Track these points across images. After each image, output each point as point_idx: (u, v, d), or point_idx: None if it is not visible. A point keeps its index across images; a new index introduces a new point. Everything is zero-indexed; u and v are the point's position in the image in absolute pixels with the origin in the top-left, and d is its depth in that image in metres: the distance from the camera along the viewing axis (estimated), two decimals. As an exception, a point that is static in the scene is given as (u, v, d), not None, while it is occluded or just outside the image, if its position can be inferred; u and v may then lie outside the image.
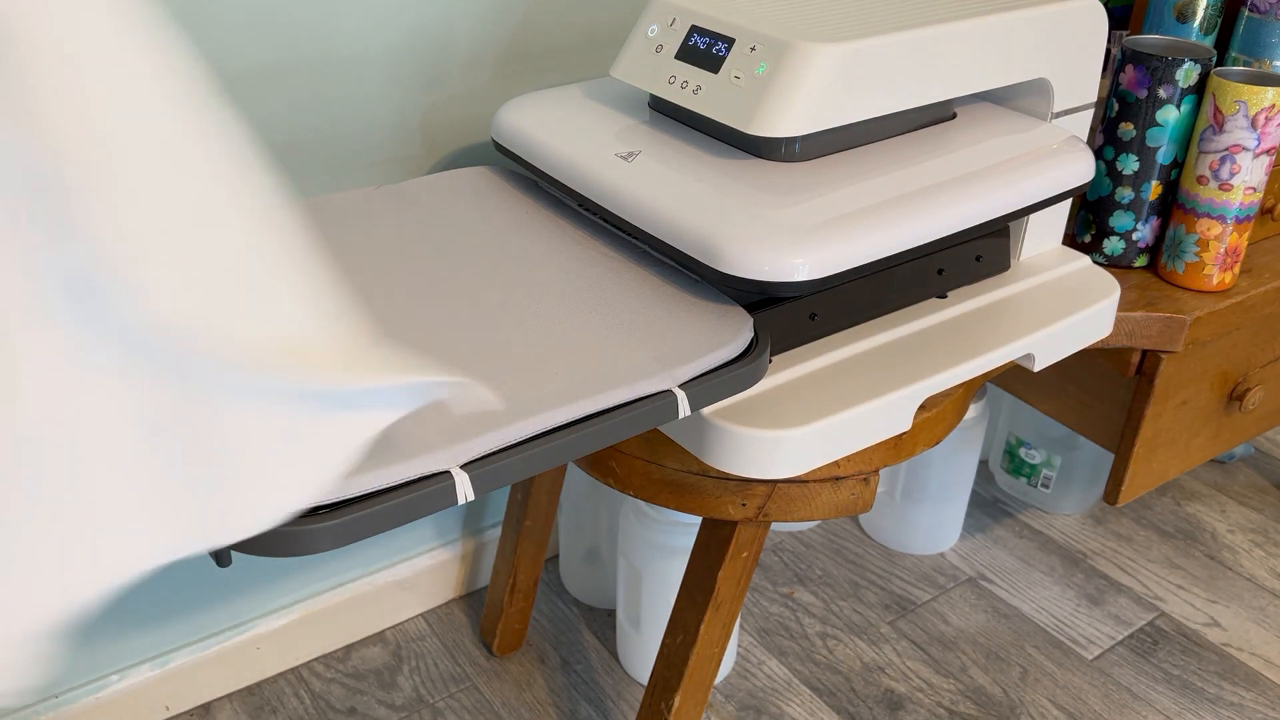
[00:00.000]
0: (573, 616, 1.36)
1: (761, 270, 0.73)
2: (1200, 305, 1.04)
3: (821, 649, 1.33)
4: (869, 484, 0.85)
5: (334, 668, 1.27)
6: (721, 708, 1.24)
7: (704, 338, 0.73)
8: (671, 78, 0.85)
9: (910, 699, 1.26)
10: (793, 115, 0.78)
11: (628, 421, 0.68)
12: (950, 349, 0.86)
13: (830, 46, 0.78)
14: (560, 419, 0.65)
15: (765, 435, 0.75)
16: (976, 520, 1.54)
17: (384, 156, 1.06)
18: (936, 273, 0.91)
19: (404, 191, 0.92)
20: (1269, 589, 1.44)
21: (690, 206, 0.78)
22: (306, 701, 1.22)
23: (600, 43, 1.14)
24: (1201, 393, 1.13)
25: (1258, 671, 1.32)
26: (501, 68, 1.09)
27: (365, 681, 1.25)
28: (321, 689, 1.24)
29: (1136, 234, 1.07)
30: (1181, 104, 1.02)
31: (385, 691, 1.24)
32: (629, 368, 0.69)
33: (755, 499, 0.83)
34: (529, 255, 0.83)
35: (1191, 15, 1.09)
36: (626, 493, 0.86)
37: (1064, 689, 1.28)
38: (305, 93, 0.99)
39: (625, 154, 0.85)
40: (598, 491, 1.29)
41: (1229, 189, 1.02)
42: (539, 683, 1.27)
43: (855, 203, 0.79)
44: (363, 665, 1.27)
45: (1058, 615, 1.39)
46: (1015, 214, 0.86)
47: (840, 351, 0.84)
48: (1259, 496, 1.61)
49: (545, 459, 0.64)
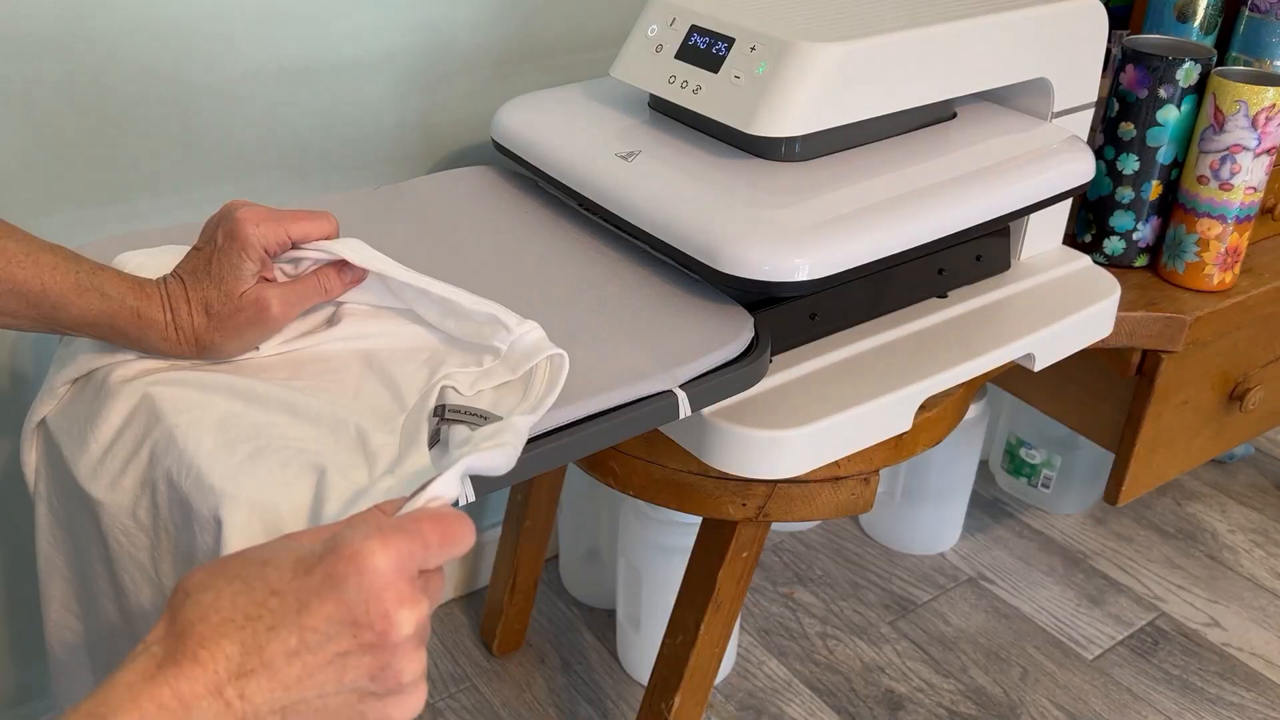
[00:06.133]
0: (573, 616, 1.36)
1: (762, 270, 0.73)
2: (1200, 305, 1.04)
3: (821, 649, 1.33)
4: (869, 484, 0.85)
5: (334, 668, 1.27)
6: (721, 708, 1.24)
7: (704, 338, 0.73)
8: (671, 77, 0.85)
9: (910, 699, 1.26)
10: (793, 115, 0.78)
11: (628, 422, 0.67)
12: (950, 349, 0.86)
13: (830, 46, 0.77)
14: (560, 419, 0.65)
15: (765, 435, 0.75)
16: (977, 520, 1.54)
17: (384, 156, 1.06)
18: (937, 272, 0.90)
19: (404, 191, 0.92)
20: (1269, 589, 1.44)
21: (690, 206, 0.78)
22: (306, 701, 1.22)
23: (600, 43, 1.14)
24: (1202, 393, 1.13)
25: (1258, 671, 1.32)
26: (501, 68, 1.09)
27: (365, 681, 1.25)
28: (321, 689, 1.24)
29: (1137, 234, 1.07)
30: (1182, 104, 1.02)
31: (385, 691, 1.24)
32: (629, 368, 0.69)
33: (755, 499, 0.83)
34: (529, 255, 0.83)
35: (1192, 15, 1.09)
36: (626, 493, 0.86)
37: (1064, 689, 1.28)
38: (306, 93, 0.99)
39: (625, 154, 0.85)
40: (598, 491, 1.29)
41: (1229, 189, 1.02)
42: (539, 683, 1.26)
43: (855, 203, 0.79)
44: (363, 665, 1.27)
45: (1058, 615, 1.39)
46: (1015, 214, 0.86)
47: (840, 351, 0.84)
48: (1259, 496, 1.61)
49: (545, 459, 0.64)
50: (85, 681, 0.76)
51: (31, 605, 1.07)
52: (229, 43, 0.94)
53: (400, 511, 0.50)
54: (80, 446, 0.66)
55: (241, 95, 0.96)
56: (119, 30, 0.89)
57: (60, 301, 0.63)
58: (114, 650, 0.70)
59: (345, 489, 0.58)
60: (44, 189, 0.91)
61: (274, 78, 0.97)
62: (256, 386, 0.66)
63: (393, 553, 0.45)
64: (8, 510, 1.03)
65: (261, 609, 0.44)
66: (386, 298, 0.72)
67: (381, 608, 0.45)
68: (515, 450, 0.59)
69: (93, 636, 0.73)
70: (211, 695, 0.43)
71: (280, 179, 1.01)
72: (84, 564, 0.70)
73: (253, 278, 0.66)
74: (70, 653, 0.75)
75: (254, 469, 0.60)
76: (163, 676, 0.43)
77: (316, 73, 0.99)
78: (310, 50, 0.98)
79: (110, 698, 0.42)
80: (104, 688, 0.43)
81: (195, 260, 0.67)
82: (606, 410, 0.67)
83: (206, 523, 0.58)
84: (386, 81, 1.03)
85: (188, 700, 0.42)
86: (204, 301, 0.65)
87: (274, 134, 0.99)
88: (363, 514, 0.51)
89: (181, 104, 0.94)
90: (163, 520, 0.62)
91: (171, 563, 0.63)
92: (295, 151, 1.01)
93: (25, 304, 0.63)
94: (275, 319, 0.67)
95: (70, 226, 0.93)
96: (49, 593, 0.74)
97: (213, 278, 0.65)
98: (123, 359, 0.68)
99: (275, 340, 0.70)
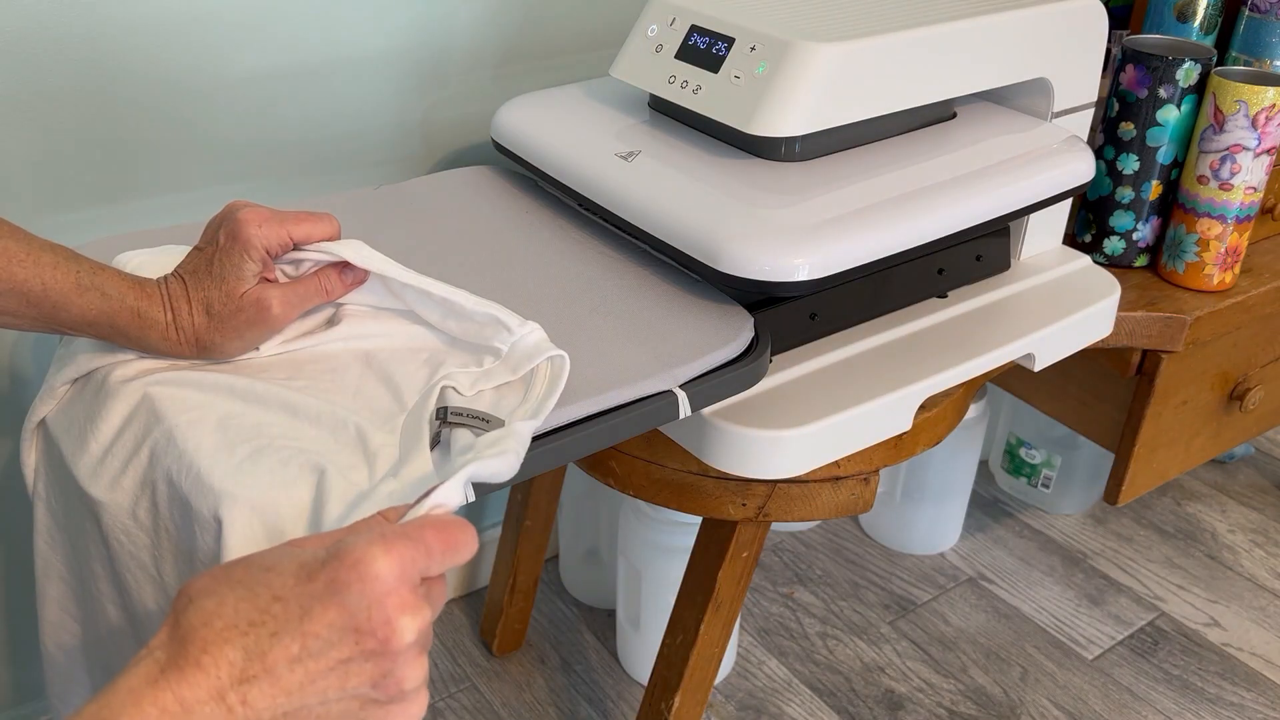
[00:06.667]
0: (573, 616, 1.36)
1: (761, 270, 0.73)
2: (1200, 305, 1.04)
3: (821, 649, 1.33)
4: (869, 484, 0.85)
5: (334, 668, 1.27)
6: (721, 708, 1.24)
7: (704, 338, 0.73)
8: (671, 77, 0.85)
9: (910, 699, 1.26)
10: (793, 115, 0.78)
11: (628, 421, 0.67)
12: (950, 349, 0.86)
13: (830, 46, 0.77)
14: (561, 419, 0.65)
15: (765, 435, 0.75)
16: (976, 520, 1.54)
17: (384, 156, 1.06)
18: (937, 272, 0.90)
19: (404, 191, 0.92)
20: (1269, 589, 1.44)
21: (690, 206, 0.78)
22: (306, 701, 1.22)
23: (600, 43, 1.14)
24: (1202, 393, 1.13)
25: (1258, 671, 1.32)
26: (501, 68, 1.09)
27: (365, 681, 1.25)
28: (321, 689, 1.24)
29: (1137, 234, 1.07)
30: (1182, 104, 1.02)
31: (385, 691, 1.24)
32: (629, 368, 0.69)
33: (755, 499, 0.83)
34: (529, 255, 0.83)
35: (1192, 15, 1.09)
36: (626, 493, 0.86)
37: (1064, 689, 1.28)
38: (306, 93, 0.99)
39: (625, 154, 0.85)
40: (598, 491, 1.29)
41: (1229, 189, 1.02)
42: (539, 683, 1.26)
43: (855, 202, 0.79)
44: (363, 665, 1.27)
45: (1058, 615, 1.39)
46: (1015, 214, 0.86)
47: (840, 351, 0.84)
48: (1259, 496, 1.61)
49: (545, 459, 0.64)
50: (81, 683, 0.76)
51: (29, 606, 1.07)
52: (229, 43, 0.94)
53: (404, 518, 0.50)
54: (80, 446, 0.66)
55: (242, 95, 0.96)
56: (120, 30, 0.89)
57: (61, 301, 0.63)
58: (114, 651, 0.70)
59: (345, 489, 0.58)
60: (44, 189, 0.91)
61: (274, 78, 0.97)
62: (256, 386, 0.66)
63: (396, 560, 0.45)
64: (7, 510, 1.03)
65: (264, 615, 0.44)
66: (387, 299, 0.72)
67: (384, 615, 0.45)
68: (518, 457, 0.59)
69: (90, 638, 0.73)
70: (214, 701, 0.43)
71: (280, 179, 1.01)
72: (82, 565, 0.70)
73: (254, 278, 0.66)
74: (66, 654, 0.75)
75: (254, 469, 0.60)
76: (165, 681, 0.43)
77: (317, 73, 0.99)
78: (310, 50, 0.98)
79: (113, 702, 0.42)
80: (106, 692, 0.43)
81: (196, 260, 0.67)
82: (606, 410, 0.67)
83: (206, 522, 0.58)
84: (386, 81, 1.03)
85: (190, 705, 0.42)
86: (205, 301, 0.65)
87: (274, 134, 0.99)
88: (366, 520, 0.51)
89: (182, 104, 0.94)
90: (163, 520, 0.62)
91: (172, 563, 0.63)
92: (295, 151, 1.01)
93: (26, 304, 0.63)
94: (276, 319, 0.67)
95: (70, 226, 0.93)
96: (46, 593, 0.74)
97: (214, 278, 0.65)
98: (123, 359, 0.68)
99: (275, 340, 0.70)
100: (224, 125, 0.97)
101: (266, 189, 1.01)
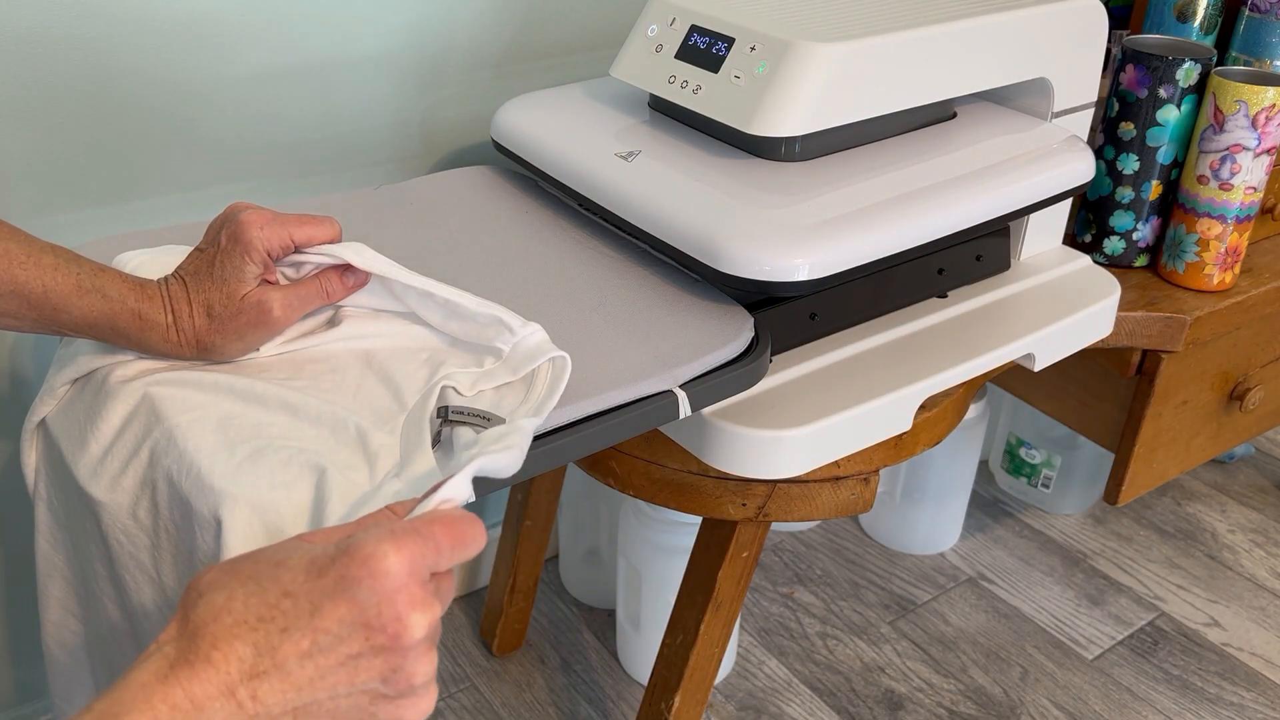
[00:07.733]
0: (573, 616, 1.36)
1: (761, 270, 0.73)
2: (1200, 305, 1.04)
3: (821, 649, 1.33)
4: (869, 484, 0.85)
5: (334, 668, 1.27)
6: (721, 708, 1.24)
7: (704, 338, 0.73)
8: (671, 77, 0.85)
9: (910, 699, 1.26)
10: (793, 115, 0.78)
11: (628, 422, 0.67)
12: (950, 349, 0.86)
13: (830, 46, 0.77)
14: (561, 419, 0.65)
15: (765, 435, 0.75)
16: (976, 520, 1.54)
17: (384, 156, 1.06)
18: (937, 272, 0.90)
19: (404, 191, 0.92)
20: (1269, 589, 1.44)
21: (690, 206, 0.78)
22: (306, 701, 1.22)
23: (600, 43, 1.14)
24: (1202, 393, 1.13)
25: (1258, 671, 1.32)
26: (501, 68, 1.09)
27: (365, 681, 1.25)
28: (321, 689, 1.24)
29: (1137, 234, 1.07)
30: (1182, 104, 1.02)
31: (385, 691, 1.24)
32: (629, 368, 0.69)
33: (755, 499, 0.83)
34: (529, 255, 0.83)
35: (1192, 15, 1.09)
36: (626, 493, 0.86)
37: (1064, 689, 1.28)
38: (306, 93, 0.99)
39: (625, 154, 0.85)
40: (598, 491, 1.29)
41: (1229, 189, 1.02)
42: (539, 683, 1.27)
43: (855, 202, 0.79)
44: (363, 665, 1.27)
45: (1058, 615, 1.39)
46: (1015, 213, 0.86)
47: (840, 351, 0.84)
48: (1259, 496, 1.61)
49: (545, 459, 0.64)
50: (83, 682, 0.76)
51: (31, 605, 1.07)
52: (229, 43, 0.94)
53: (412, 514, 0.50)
54: (80, 447, 0.66)
55: (242, 95, 0.96)
56: (120, 31, 0.89)
57: (61, 303, 0.63)
58: (115, 650, 0.70)
59: (346, 489, 0.59)
60: (45, 189, 0.91)
61: (274, 78, 0.97)
62: (256, 386, 0.66)
63: (405, 555, 0.45)
64: (7, 510, 1.03)
65: (274, 610, 0.44)
66: (388, 300, 0.72)
67: (394, 610, 0.45)
68: (522, 452, 0.59)
69: (92, 637, 0.73)
70: (224, 696, 0.43)
71: (280, 179, 1.01)
72: (84, 564, 0.70)
73: (255, 280, 0.66)
74: (69, 653, 0.75)
75: (254, 469, 0.60)
76: (175, 677, 0.43)
77: (317, 73, 0.99)
78: (311, 50, 0.98)
79: (123, 697, 0.42)
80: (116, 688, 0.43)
81: (198, 261, 0.67)
82: (606, 410, 0.67)
83: (207, 522, 0.59)
84: (386, 81, 1.03)
85: (200, 701, 0.42)
86: (206, 303, 0.65)
87: (274, 134, 0.99)
88: (375, 515, 0.51)
89: (182, 104, 0.94)
90: (163, 520, 0.62)
91: (172, 563, 0.63)
92: (296, 151, 1.01)
93: (26, 305, 0.63)
94: (277, 321, 0.67)
95: (70, 226, 0.93)
96: (48, 593, 0.74)
97: (215, 279, 0.65)
98: (123, 359, 0.68)
99: (275, 341, 0.70)
100: (224, 125, 0.97)
101: (266, 189, 1.01)
